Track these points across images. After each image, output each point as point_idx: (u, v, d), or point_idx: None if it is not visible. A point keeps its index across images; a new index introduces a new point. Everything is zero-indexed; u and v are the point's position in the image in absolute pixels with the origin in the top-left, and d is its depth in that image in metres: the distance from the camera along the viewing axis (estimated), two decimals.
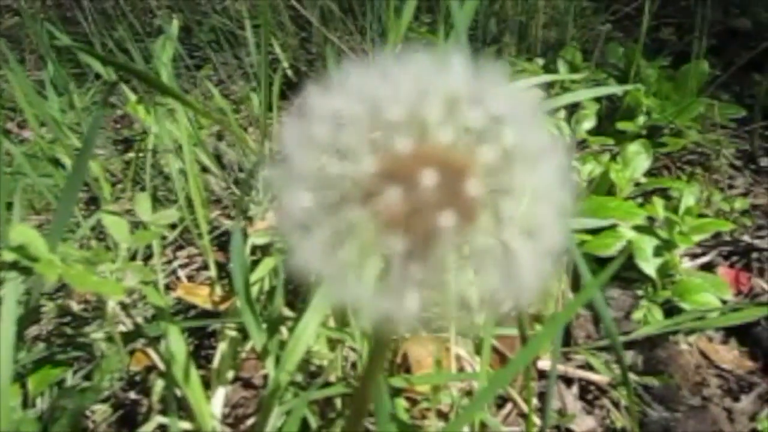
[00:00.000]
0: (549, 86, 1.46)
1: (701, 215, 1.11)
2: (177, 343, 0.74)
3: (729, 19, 1.85)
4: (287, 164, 0.27)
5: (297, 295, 0.94)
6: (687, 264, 1.14)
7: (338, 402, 0.83)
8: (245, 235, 1.01)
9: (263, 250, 1.00)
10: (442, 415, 0.85)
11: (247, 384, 0.96)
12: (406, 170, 0.25)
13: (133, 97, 1.29)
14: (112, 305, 0.77)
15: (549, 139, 0.28)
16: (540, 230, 0.27)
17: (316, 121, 0.27)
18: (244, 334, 0.89)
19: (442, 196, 0.25)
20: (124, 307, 0.87)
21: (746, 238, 1.20)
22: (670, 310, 1.03)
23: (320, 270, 0.26)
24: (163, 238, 1.15)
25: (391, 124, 0.26)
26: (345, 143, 0.26)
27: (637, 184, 1.23)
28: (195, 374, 0.76)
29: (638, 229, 1.07)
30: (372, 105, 0.27)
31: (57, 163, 1.20)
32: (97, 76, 1.65)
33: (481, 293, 0.26)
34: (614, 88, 1.38)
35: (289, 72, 1.70)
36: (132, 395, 0.94)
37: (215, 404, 0.83)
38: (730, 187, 1.35)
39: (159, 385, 0.88)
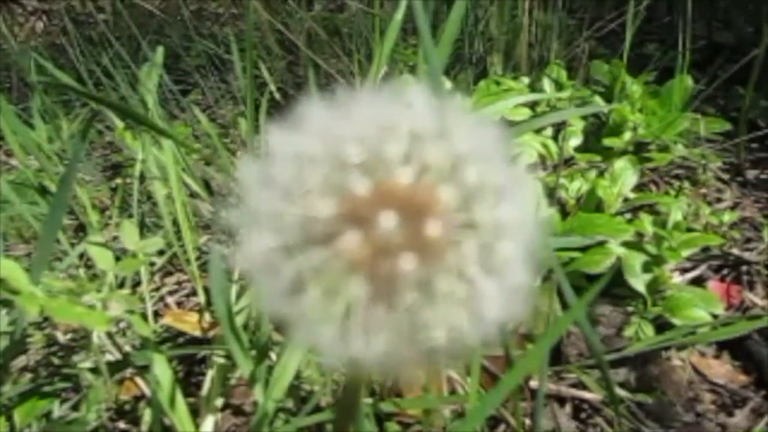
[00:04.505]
0: (535, 104, 1.47)
1: (690, 229, 1.11)
2: (163, 372, 0.73)
3: (712, 33, 1.86)
4: (248, 205, 0.26)
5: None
6: (677, 279, 1.14)
7: (329, 428, 0.82)
8: (233, 260, 1.01)
9: None
10: None
11: (238, 411, 0.95)
12: (366, 212, 0.25)
13: (120, 124, 1.29)
14: (97, 335, 0.76)
15: (514, 175, 0.27)
16: (504, 267, 0.27)
17: (276, 161, 0.27)
18: (233, 361, 0.88)
19: (403, 237, 0.25)
20: (110, 336, 0.86)
21: (735, 251, 1.20)
22: (662, 325, 1.02)
23: (285, 312, 0.25)
24: (152, 264, 1.14)
25: (351, 164, 0.26)
26: (305, 184, 0.26)
27: (625, 200, 1.23)
28: (182, 403, 0.75)
29: (627, 245, 1.07)
30: (332, 145, 0.26)
31: (44, 191, 1.19)
32: (85, 103, 1.65)
33: (446, 332, 0.26)
34: (600, 107, 1.39)
35: (277, 95, 1.70)
36: (121, 425, 0.93)
37: None
38: (718, 200, 1.35)
39: (148, 414, 0.87)
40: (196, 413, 0.82)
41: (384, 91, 0.28)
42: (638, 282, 1.03)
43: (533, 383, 0.95)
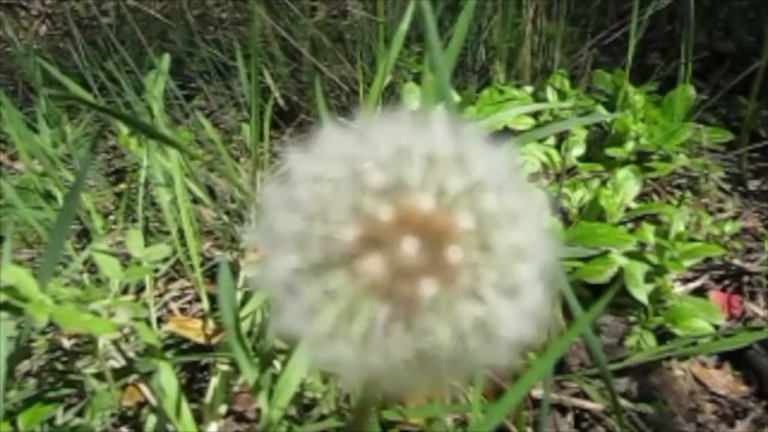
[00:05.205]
0: (538, 113, 1.47)
1: (691, 239, 1.12)
2: (168, 379, 0.74)
3: (714, 42, 1.87)
4: (270, 226, 0.27)
5: None
6: (678, 289, 1.15)
7: None
8: (238, 267, 1.01)
9: None
10: None
11: (241, 417, 0.95)
12: (387, 236, 0.26)
13: (124, 130, 1.29)
14: (102, 342, 0.76)
15: (528, 198, 0.28)
16: (520, 291, 0.27)
17: (298, 183, 0.27)
18: (236, 368, 0.88)
19: (423, 262, 0.26)
20: (115, 342, 0.86)
21: (737, 261, 1.21)
22: (663, 335, 1.03)
23: (304, 332, 0.26)
24: (155, 270, 1.14)
25: (372, 188, 0.27)
26: (326, 207, 0.27)
27: (627, 210, 1.24)
28: (187, 410, 0.76)
29: (629, 255, 1.07)
30: (352, 168, 0.27)
31: (49, 195, 1.20)
32: (89, 109, 1.65)
33: (462, 353, 0.26)
34: (603, 116, 1.39)
35: (281, 101, 1.71)
36: (124, 430, 0.94)
37: None
38: (720, 210, 1.36)
39: (151, 420, 0.87)
40: (199, 420, 0.83)
41: (399, 111, 0.29)
42: (640, 292, 1.04)
43: (535, 392, 0.95)
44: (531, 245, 0.28)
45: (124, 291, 1.08)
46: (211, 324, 1.00)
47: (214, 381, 0.87)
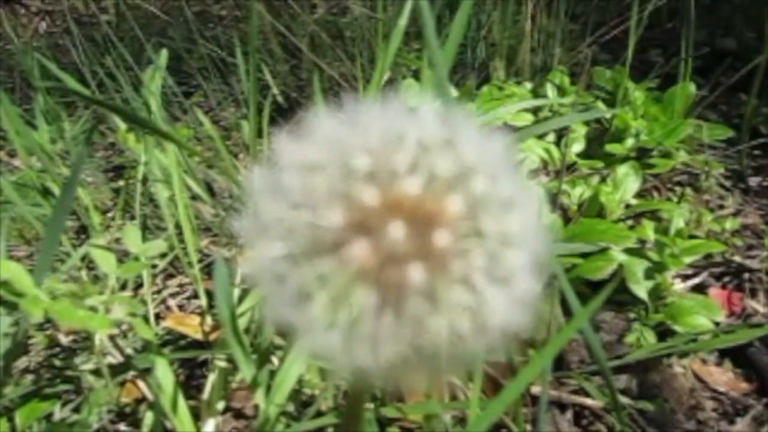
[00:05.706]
0: (538, 109, 1.47)
1: (692, 236, 1.11)
2: (165, 375, 0.74)
3: (714, 40, 1.87)
4: (257, 213, 0.26)
5: None
6: (678, 286, 1.14)
7: None
8: (236, 264, 1.01)
9: None
10: None
11: (239, 414, 0.95)
12: (374, 221, 0.25)
13: (122, 126, 1.29)
14: (99, 338, 0.76)
15: (520, 186, 0.28)
16: (511, 278, 0.27)
17: (285, 170, 0.27)
18: (234, 365, 0.88)
19: (411, 247, 0.25)
20: (112, 338, 0.86)
21: (737, 258, 1.20)
22: (663, 332, 1.02)
23: (292, 320, 0.25)
24: (153, 266, 1.14)
25: (360, 173, 0.26)
26: (314, 193, 0.26)
27: (627, 206, 1.23)
28: (184, 406, 0.75)
29: (629, 251, 1.07)
30: (341, 154, 0.27)
31: (47, 192, 1.19)
32: (87, 105, 1.65)
33: (452, 342, 0.26)
34: (602, 112, 1.39)
35: (280, 98, 1.71)
36: (122, 427, 0.93)
37: None
38: (720, 207, 1.35)
39: (149, 417, 0.87)
40: (197, 416, 0.82)
41: (391, 100, 0.28)
42: (640, 289, 1.03)
43: (534, 389, 0.95)
44: (523, 232, 0.27)
45: (122, 287, 1.08)
46: (209, 320, 0.99)
47: (212, 377, 0.87)
